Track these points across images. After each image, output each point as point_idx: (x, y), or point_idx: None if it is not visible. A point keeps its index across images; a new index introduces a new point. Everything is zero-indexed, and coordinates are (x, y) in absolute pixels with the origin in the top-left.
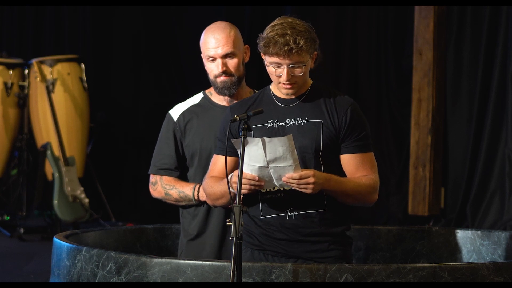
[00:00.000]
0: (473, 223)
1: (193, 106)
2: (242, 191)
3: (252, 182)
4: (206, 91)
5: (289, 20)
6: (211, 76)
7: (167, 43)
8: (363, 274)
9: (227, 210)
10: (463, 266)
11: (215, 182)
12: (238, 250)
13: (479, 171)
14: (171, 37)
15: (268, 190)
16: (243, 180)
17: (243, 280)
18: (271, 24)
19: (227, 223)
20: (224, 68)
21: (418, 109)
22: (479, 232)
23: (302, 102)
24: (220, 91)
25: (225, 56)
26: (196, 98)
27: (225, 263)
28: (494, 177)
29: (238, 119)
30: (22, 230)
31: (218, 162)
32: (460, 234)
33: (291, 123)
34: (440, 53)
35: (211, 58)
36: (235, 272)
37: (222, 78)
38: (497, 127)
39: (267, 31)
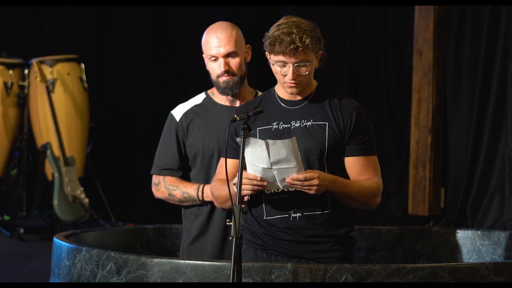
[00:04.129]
0: (473, 223)
1: (196, 106)
2: (245, 192)
3: (255, 182)
4: (209, 91)
5: (294, 19)
6: (213, 76)
7: (167, 43)
8: (363, 274)
9: (230, 211)
10: (463, 266)
11: (222, 185)
12: (238, 250)
13: (479, 171)
14: (171, 37)
15: (272, 191)
16: (246, 181)
17: (243, 280)
18: (276, 23)
19: (227, 223)
20: (227, 68)
21: (418, 109)
22: (479, 232)
23: (307, 104)
24: (223, 91)
25: (227, 55)
26: (198, 98)
27: (225, 263)
28: (494, 177)
29: (238, 119)
30: (22, 230)
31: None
32: (460, 234)
33: (296, 124)
34: (440, 53)
35: (213, 58)
36: (235, 272)
37: (225, 78)
38: (497, 127)
39: (273, 30)
